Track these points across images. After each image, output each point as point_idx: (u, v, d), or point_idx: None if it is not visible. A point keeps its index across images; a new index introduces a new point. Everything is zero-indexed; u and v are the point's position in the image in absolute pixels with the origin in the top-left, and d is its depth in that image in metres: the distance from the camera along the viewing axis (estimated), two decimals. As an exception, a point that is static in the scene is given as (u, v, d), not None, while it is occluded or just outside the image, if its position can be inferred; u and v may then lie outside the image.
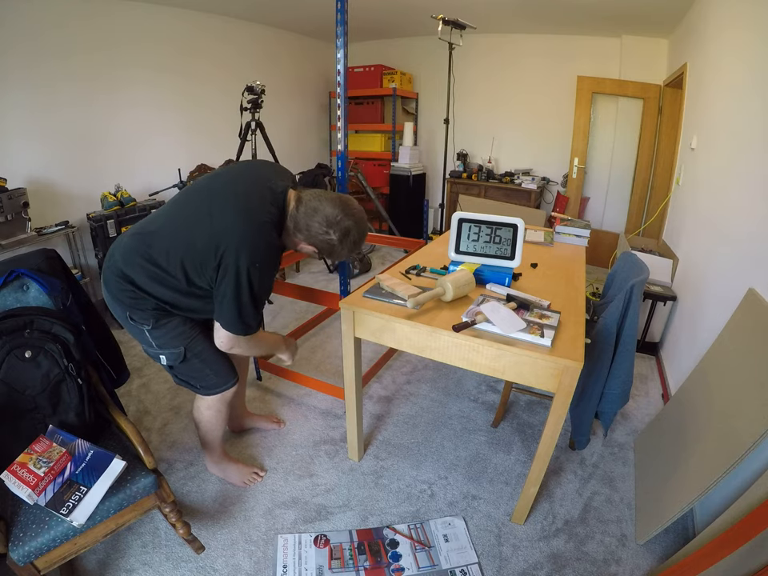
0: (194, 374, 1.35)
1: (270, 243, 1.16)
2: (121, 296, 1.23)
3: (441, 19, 3.00)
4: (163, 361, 1.31)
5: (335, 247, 1.22)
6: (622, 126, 3.86)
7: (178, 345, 1.28)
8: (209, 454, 1.61)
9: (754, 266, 1.51)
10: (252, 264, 1.11)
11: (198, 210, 1.18)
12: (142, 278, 1.19)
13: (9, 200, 2.25)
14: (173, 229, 1.19)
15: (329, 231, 1.19)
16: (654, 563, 1.35)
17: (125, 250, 1.22)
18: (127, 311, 1.24)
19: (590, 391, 1.46)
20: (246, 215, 1.14)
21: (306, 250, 1.29)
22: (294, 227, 1.21)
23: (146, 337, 1.27)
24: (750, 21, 1.84)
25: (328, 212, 1.18)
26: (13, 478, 1.01)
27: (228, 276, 1.11)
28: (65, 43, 2.59)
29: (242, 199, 1.16)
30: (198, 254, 1.14)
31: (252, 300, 1.15)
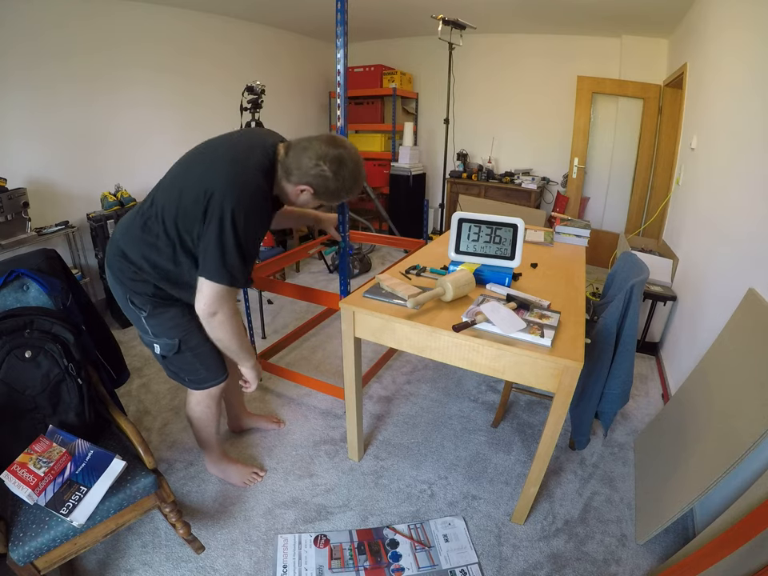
0: (185, 367, 1.35)
1: (258, 187, 1.10)
2: (121, 276, 1.22)
3: (441, 19, 3.00)
4: (157, 350, 1.31)
5: (330, 180, 1.14)
6: (622, 126, 3.86)
7: (173, 336, 1.28)
8: (207, 454, 1.61)
9: (754, 266, 1.51)
10: (237, 207, 1.06)
11: (189, 166, 1.18)
12: (138, 251, 1.19)
13: (9, 200, 2.25)
14: (165, 190, 1.19)
15: (320, 163, 1.12)
16: (654, 563, 1.35)
17: (123, 226, 1.25)
18: (127, 294, 1.23)
19: (589, 391, 1.46)
20: (234, 162, 1.11)
21: (301, 199, 1.22)
22: (285, 171, 1.16)
23: (142, 323, 1.27)
24: (750, 21, 1.84)
25: (317, 146, 1.13)
26: (13, 478, 1.01)
27: (213, 221, 1.07)
28: (65, 43, 2.59)
29: (231, 150, 1.15)
30: (188, 206, 1.10)
31: (237, 247, 1.08)
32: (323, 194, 1.19)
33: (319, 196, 1.20)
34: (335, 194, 1.20)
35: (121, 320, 2.78)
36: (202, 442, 1.56)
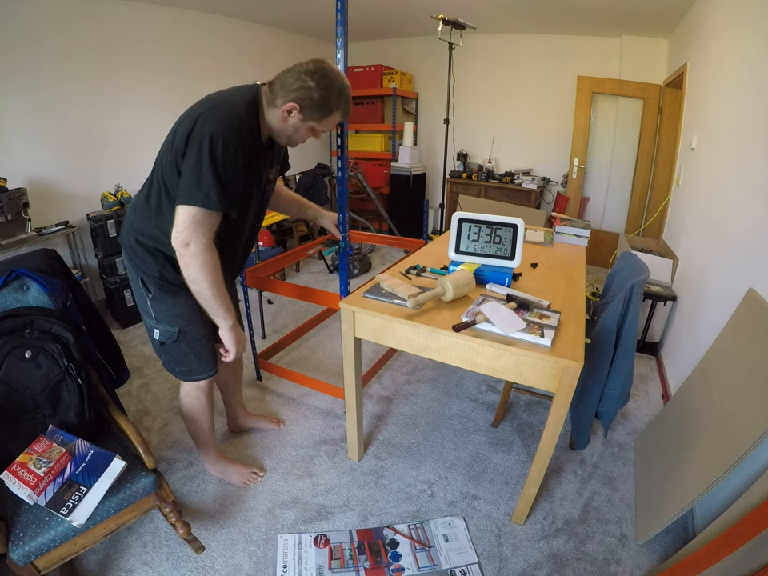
0: (179, 358, 1.35)
1: (238, 115, 1.10)
2: (133, 256, 1.24)
3: (441, 19, 2.99)
4: (156, 335, 1.31)
5: (313, 90, 1.12)
6: (622, 125, 3.86)
7: (174, 324, 1.28)
8: (204, 454, 1.61)
9: (753, 265, 1.51)
10: (216, 131, 1.04)
11: (178, 121, 1.19)
12: (145, 223, 1.20)
13: (9, 200, 2.25)
14: (161, 149, 1.20)
15: (302, 77, 1.12)
16: (654, 563, 1.35)
17: (132, 204, 1.27)
18: (140, 274, 1.25)
19: (589, 391, 1.46)
20: (217, 97, 1.15)
21: (290, 123, 1.18)
22: (271, 99, 1.16)
23: (147, 307, 1.28)
24: (750, 21, 1.84)
25: (299, 66, 1.14)
26: (13, 478, 1.01)
27: (192, 146, 1.06)
28: (65, 44, 2.59)
29: (215, 94, 1.20)
30: (179, 147, 1.10)
31: (213, 170, 1.05)
32: (310, 109, 1.15)
33: (306, 112, 1.16)
34: (322, 107, 1.16)
35: (121, 320, 2.78)
36: (196, 438, 1.56)
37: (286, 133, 1.22)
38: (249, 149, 1.12)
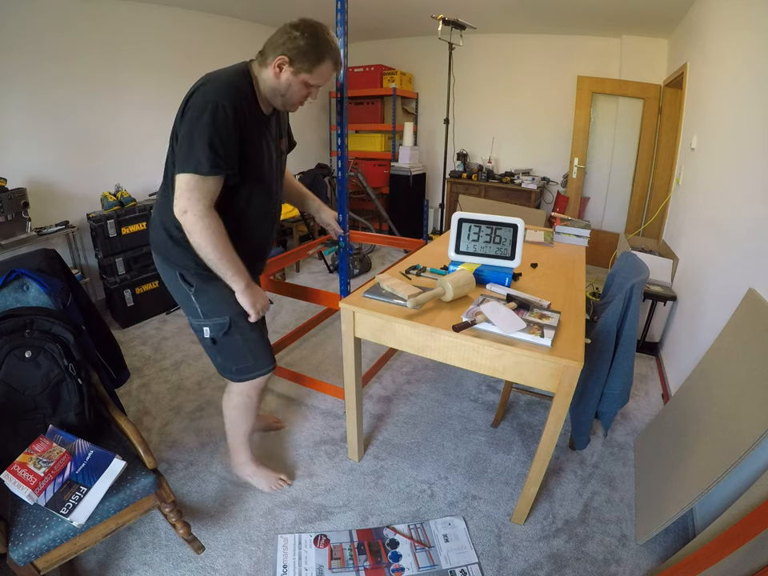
0: (234, 354, 1.32)
1: (230, 83, 1.13)
2: (165, 252, 1.24)
3: (441, 19, 2.99)
4: (206, 333, 1.28)
5: (299, 39, 1.13)
6: (622, 125, 3.86)
7: (223, 313, 1.26)
8: (236, 455, 1.57)
9: (753, 265, 1.51)
10: (206, 98, 1.07)
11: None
12: (169, 215, 1.16)
13: (9, 200, 2.25)
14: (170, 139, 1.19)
15: (287, 29, 1.15)
16: (654, 563, 1.35)
17: (156, 201, 1.29)
18: (176, 269, 1.24)
19: (590, 391, 1.46)
20: (210, 74, 1.17)
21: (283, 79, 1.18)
22: (262, 61, 1.19)
23: (192, 304, 1.26)
24: (750, 21, 1.84)
25: (287, 23, 1.18)
26: (13, 478, 1.01)
27: (185, 117, 1.08)
28: (65, 44, 2.59)
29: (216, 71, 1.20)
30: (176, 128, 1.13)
31: (204, 135, 1.05)
32: (299, 58, 1.15)
33: (296, 63, 1.15)
34: (310, 54, 1.15)
35: (121, 320, 2.78)
36: (234, 439, 1.53)
37: (280, 91, 1.20)
38: (244, 112, 1.13)
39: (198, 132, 1.05)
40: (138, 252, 2.78)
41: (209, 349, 1.35)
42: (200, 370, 2.32)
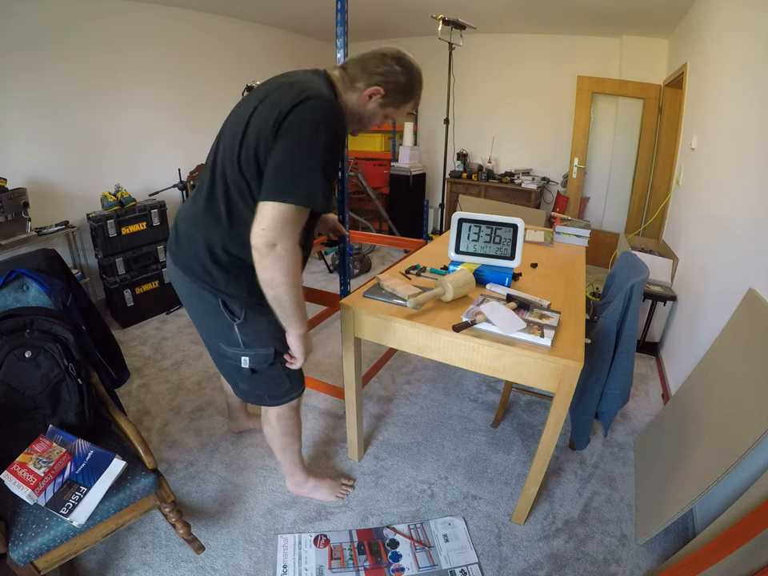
0: (271, 381, 1.24)
1: (332, 101, 1.00)
2: (209, 279, 1.08)
3: (441, 19, 2.99)
4: (245, 363, 1.17)
5: (399, 74, 1.07)
6: (622, 125, 3.86)
7: (269, 344, 1.17)
8: (292, 476, 1.51)
9: (753, 265, 1.51)
10: (317, 118, 0.93)
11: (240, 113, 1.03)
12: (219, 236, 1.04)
13: (9, 200, 2.25)
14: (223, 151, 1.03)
15: (387, 60, 1.06)
16: (654, 563, 1.35)
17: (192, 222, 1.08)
18: (220, 297, 1.10)
19: (590, 391, 1.46)
20: (298, 82, 0.99)
21: (369, 108, 1.11)
22: (349, 82, 1.08)
23: (232, 334, 1.14)
24: (750, 21, 1.84)
25: (375, 50, 1.09)
26: (13, 478, 1.01)
27: (287, 136, 0.92)
28: (65, 44, 2.59)
29: (284, 78, 1.03)
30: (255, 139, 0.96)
31: (317, 162, 0.93)
32: (393, 93, 1.09)
33: (389, 96, 1.09)
34: (405, 92, 1.10)
35: (121, 320, 2.78)
36: (288, 463, 1.46)
37: (361, 117, 1.13)
38: (343, 136, 1.04)
39: (308, 157, 0.93)
40: (137, 252, 2.78)
41: (242, 378, 1.23)
42: (200, 370, 2.32)
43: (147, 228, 2.80)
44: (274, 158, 0.94)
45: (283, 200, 0.92)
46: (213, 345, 1.23)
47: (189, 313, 1.23)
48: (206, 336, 1.25)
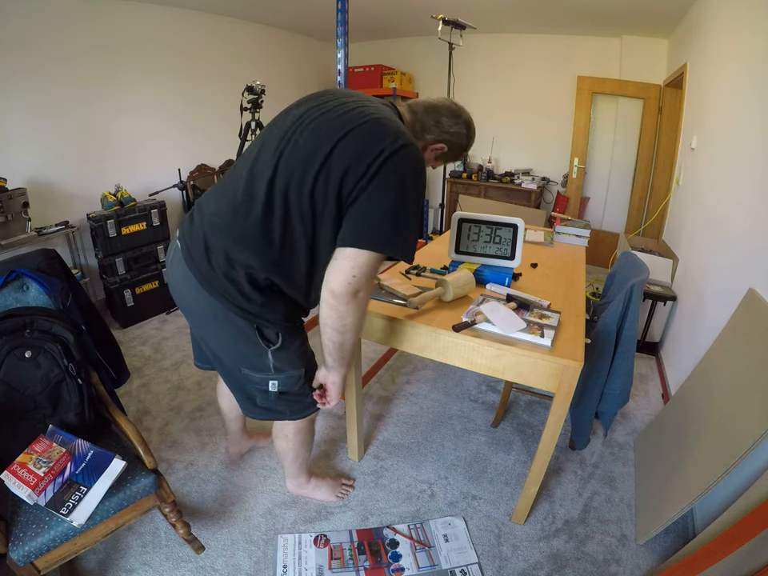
0: (296, 400, 1.19)
1: (418, 147, 0.96)
2: (245, 301, 0.99)
3: (441, 19, 2.99)
4: (273, 387, 1.13)
5: (463, 137, 1.13)
6: (622, 126, 3.86)
7: (300, 366, 1.15)
8: (295, 478, 1.50)
9: (754, 265, 1.51)
10: (414, 169, 0.92)
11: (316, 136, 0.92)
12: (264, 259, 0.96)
13: (9, 200, 2.25)
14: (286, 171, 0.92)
15: (458, 122, 1.11)
16: (654, 563, 1.35)
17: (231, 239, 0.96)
18: (255, 324, 1.02)
19: (590, 391, 1.46)
20: (392, 123, 0.94)
21: (429, 158, 1.15)
22: (420, 129, 1.09)
23: (265, 360, 1.08)
24: (750, 21, 1.84)
25: (448, 105, 1.12)
26: (13, 478, 1.01)
27: (384, 182, 0.89)
28: (65, 44, 2.58)
29: (368, 109, 0.96)
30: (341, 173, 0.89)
31: (414, 213, 0.93)
32: (452, 152, 1.16)
33: (449, 153, 1.16)
34: (460, 153, 1.18)
35: (121, 320, 2.78)
36: (296, 469, 1.46)
37: None
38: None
39: (409, 210, 0.92)
40: (137, 252, 2.78)
41: (265, 400, 1.17)
42: (200, 370, 2.31)
43: (147, 228, 2.80)
44: (369, 204, 0.90)
45: (382, 251, 0.91)
46: (233, 369, 1.15)
47: (207, 336, 1.13)
48: (227, 361, 1.15)
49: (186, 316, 1.16)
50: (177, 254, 1.05)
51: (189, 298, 1.06)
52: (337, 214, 0.92)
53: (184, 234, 1.05)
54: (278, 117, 1.06)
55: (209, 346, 1.16)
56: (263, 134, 1.03)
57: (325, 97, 1.01)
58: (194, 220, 1.05)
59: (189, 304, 1.09)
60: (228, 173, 1.08)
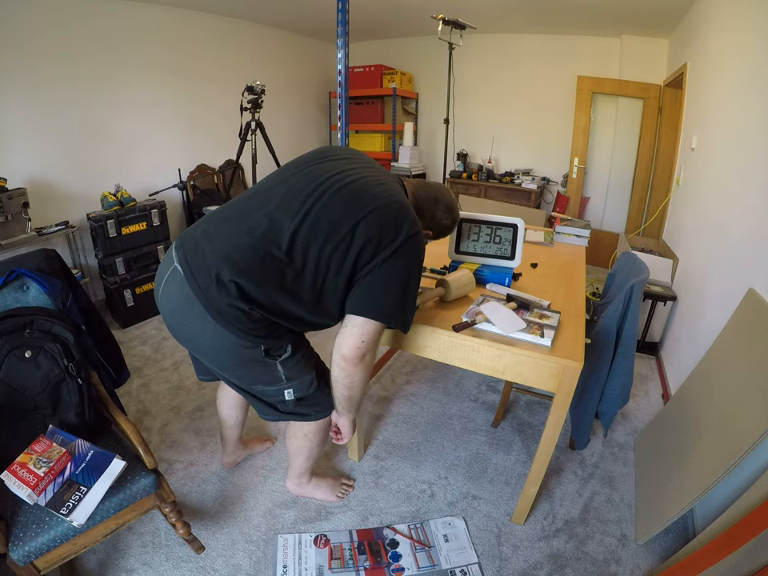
0: (319, 399, 1.21)
1: (421, 230, 1.08)
2: (252, 327, 1.00)
3: (441, 19, 2.99)
4: (289, 395, 1.14)
5: (446, 229, 1.30)
6: (622, 126, 3.86)
7: (310, 369, 1.16)
8: (297, 477, 1.50)
9: (753, 265, 1.51)
10: (418, 256, 1.05)
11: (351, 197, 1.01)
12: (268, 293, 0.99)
13: (9, 200, 2.25)
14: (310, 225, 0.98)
15: (449, 217, 1.27)
16: (654, 563, 1.35)
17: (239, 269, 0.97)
18: (262, 345, 1.04)
19: (590, 391, 1.46)
20: (406, 208, 1.06)
21: None
22: (417, 214, 1.14)
23: (275, 372, 1.09)
24: (750, 21, 1.84)
25: (446, 201, 1.26)
26: (13, 478, 1.01)
27: (395, 263, 0.99)
28: (65, 43, 2.59)
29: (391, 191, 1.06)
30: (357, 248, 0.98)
31: (414, 288, 1.05)
32: (436, 236, 1.31)
33: (431, 237, 1.30)
34: (439, 237, 1.33)
35: (121, 320, 2.78)
36: (304, 468, 1.46)
37: None
38: None
39: (411, 289, 1.04)
40: (138, 252, 2.78)
41: (285, 406, 1.18)
42: (200, 370, 2.32)
43: (147, 228, 2.80)
44: (382, 281, 1.01)
45: (387, 323, 1.03)
46: (247, 389, 1.17)
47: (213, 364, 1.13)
48: (239, 383, 1.18)
49: (187, 348, 1.16)
50: (176, 276, 1.03)
51: (193, 327, 1.04)
52: (348, 278, 1.02)
53: (188, 259, 1.02)
54: (297, 163, 1.13)
55: (218, 372, 1.19)
56: (282, 178, 1.09)
57: (351, 161, 1.12)
58: (202, 248, 1.02)
59: (193, 335, 1.07)
60: (236, 203, 1.10)
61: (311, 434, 1.32)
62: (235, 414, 1.53)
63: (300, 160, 1.15)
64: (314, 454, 1.41)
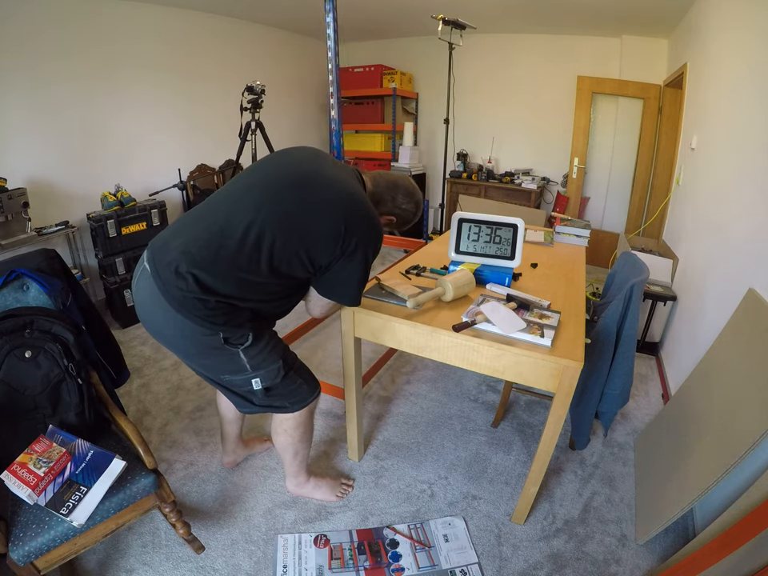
0: (290, 389, 1.24)
1: (380, 222, 1.19)
2: (210, 316, 1.04)
3: (441, 19, 2.99)
4: (257, 385, 1.17)
5: (411, 214, 1.34)
6: (622, 125, 3.86)
7: (276, 359, 1.18)
8: (296, 477, 1.51)
9: (754, 266, 1.51)
10: (371, 244, 1.13)
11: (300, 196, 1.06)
12: (229, 283, 1.04)
13: (9, 200, 2.25)
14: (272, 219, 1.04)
15: (410, 201, 1.31)
16: (654, 563, 1.35)
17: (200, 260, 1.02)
18: (220, 332, 1.07)
19: (590, 391, 1.46)
20: (364, 201, 1.14)
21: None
22: (376, 202, 1.26)
23: (238, 360, 1.12)
24: (750, 21, 1.84)
25: (406, 186, 1.31)
26: (13, 478, 1.01)
27: (353, 255, 1.09)
28: (65, 43, 2.59)
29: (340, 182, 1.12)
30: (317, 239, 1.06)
31: (366, 274, 1.19)
32: (399, 223, 1.35)
33: (395, 225, 1.36)
34: (405, 225, 1.37)
35: (121, 320, 2.78)
36: (296, 466, 1.47)
37: None
38: None
39: (363, 272, 1.16)
40: (137, 252, 2.77)
41: (258, 398, 1.21)
42: (200, 370, 2.32)
43: (147, 228, 2.80)
44: (341, 270, 1.12)
45: (340, 301, 1.26)
46: (215, 378, 1.22)
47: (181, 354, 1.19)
48: (207, 373, 1.22)
49: (158, 340, 1.18)
50: (144, 273, 1.09)
51: (158, 318, 1.09)
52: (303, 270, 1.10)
53: (154, 257, 1.07)
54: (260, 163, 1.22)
55: (187, 363, 1.25)
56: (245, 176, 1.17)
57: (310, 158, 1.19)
58: (168, 245, 1.08)
59: (159, 327, 1.12)
60: (205, 203, 1.16)
61: (291, 430, 1.34)
62: (234, 408, 1.52)
63: (263, 160, 1.25)
64: (300, 450, 1.42)
